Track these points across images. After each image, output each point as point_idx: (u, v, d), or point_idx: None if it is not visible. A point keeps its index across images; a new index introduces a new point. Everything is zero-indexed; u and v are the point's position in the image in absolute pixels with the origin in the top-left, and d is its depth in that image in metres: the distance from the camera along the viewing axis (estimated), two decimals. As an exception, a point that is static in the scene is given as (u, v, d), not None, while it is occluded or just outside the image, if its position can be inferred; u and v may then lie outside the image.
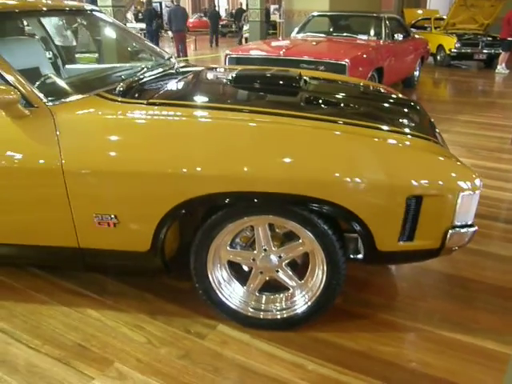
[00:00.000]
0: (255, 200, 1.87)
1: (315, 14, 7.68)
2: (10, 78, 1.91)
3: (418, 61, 8.65)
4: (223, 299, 2.09)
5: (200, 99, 2.36)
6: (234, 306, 2.09)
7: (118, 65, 3.05)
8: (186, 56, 12.36)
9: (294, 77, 2.55)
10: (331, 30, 7.71)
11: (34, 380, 1.88)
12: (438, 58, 12.01)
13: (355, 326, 2.17)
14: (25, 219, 2.08)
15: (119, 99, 2.04)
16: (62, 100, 1.99)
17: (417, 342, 2.09)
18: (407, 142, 1.94)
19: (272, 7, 18.24)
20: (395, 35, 7.24)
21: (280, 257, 2.02)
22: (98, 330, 2.16)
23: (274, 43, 6.97)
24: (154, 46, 3.11)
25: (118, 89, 2.14)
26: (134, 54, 3.18)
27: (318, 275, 2.00)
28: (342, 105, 2.46)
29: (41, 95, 1.94)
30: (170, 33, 13.33)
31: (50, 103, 1.94)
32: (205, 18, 25.52)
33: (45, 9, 2.62)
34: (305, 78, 2.69)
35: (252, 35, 12.28)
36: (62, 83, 2.25)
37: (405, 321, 2.22)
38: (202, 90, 2.66)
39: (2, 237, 2.17)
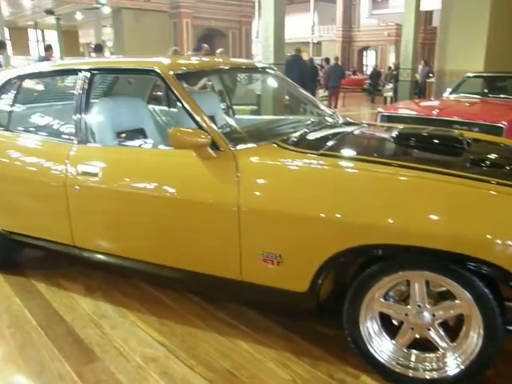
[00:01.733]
0: (411, 254, 1.91)
1: (470, 74, 7.50)
2: (203, 123, 2.22)
3: None
4: (371, 351, 2.10)
5: (366, 153, 2.45)
6: (381, 360, 2.10)
7: (287, 117, 3.32)
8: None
9: (457, 137, 2.56)
10: (486, 91, 7.45)
11: (189, 397, 2.06)
12: None
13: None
14: (196, 248, 2.34)
15: (293, 148, 2.25)
16: (244, 146, 2.25)
17: None
18: None
19: (420, 67, 18.12)
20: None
21: (434, 315, 2.00)
22: (247, 361, 2.30)
23: (425, 103, 6.94)
24: (318, 102, 3.33)
25: (291, 139, 2.35)
26: (301, 107, 3.43)
27: (473, 339, 1.94)
28: (498, 166, 2.42)
29: (226, 140, 2.21)
30: (321, 91, 13.89)
31: (233, 148, 2.20)
32: (353, 76, 26.02)
33: (227, 67, 3.01)
34: (467, 139, 2.68)
35: (401, 94, 12.29)
36: (242, 131, 2.53)
37: None
38: (368, 144, 2.80)
39: (173, 261, 2.45)
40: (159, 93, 4.46)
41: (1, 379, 2.23)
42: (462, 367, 1.97)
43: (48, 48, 9.66)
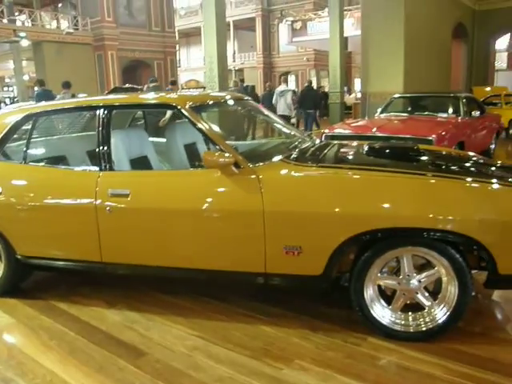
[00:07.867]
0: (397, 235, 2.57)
1: (397, 96, 8.50)
2: (226, 148, 2.75)
3: (494, 135, 9.19)
4: (374, 315, 2.69)
5: (353, 163, 3.17)
6: (384, 322, 2.69)
7: (269, 140, 3.92)
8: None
9: (413, 147, 3.27)
10: (411, 109, 8.47)
11: (238, 369, 2.52)
12: (511, 131, 12.50)
13: (478, 341, 2.69)
14: (226, 250, 2.83)
15: (296, 163, 2.83)
16: (260, 163, 2.78)
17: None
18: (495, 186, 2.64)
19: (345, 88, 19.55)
20: (472, 112, 7.88)
21: (419, 281, 2.62)
22: (275, 339, 2.79)
23: (362, 123, 7.84)
24: (288, 125, 3.94)
25: (292, 156, 2.93)
26: (278, 131, 4.02)
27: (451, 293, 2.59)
28: (451, 165, 3.14)
29: (245, 160, 2.74)
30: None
31: (251, 165, 2.74)
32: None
33: (231, 100, 3.70)
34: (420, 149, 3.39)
35: (332, 116, 13.40)
36: (254, 152, 3.08)
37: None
38: (349, 156, 3.43)
39: (204, 263, 2.92)
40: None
41: (66, 375, 2.53)
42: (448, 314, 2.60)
43: (41, 83, 10.90)
